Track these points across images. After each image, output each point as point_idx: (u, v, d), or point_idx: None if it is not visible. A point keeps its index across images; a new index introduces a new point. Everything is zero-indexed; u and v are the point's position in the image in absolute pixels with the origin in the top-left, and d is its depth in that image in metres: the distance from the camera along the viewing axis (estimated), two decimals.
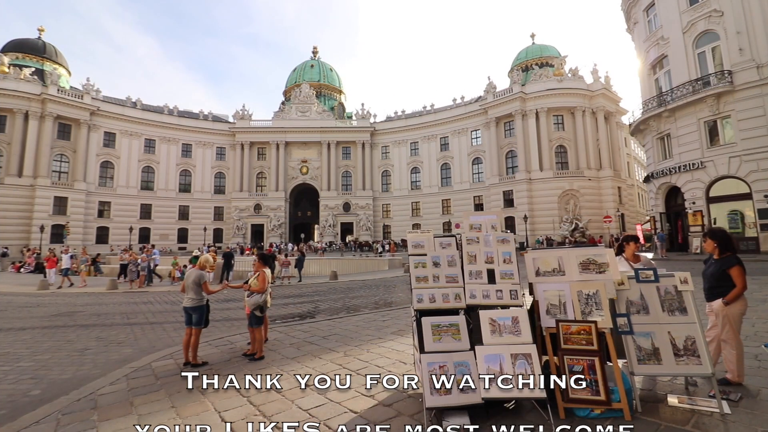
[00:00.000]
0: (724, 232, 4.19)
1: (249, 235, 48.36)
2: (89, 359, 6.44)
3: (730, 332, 3.84)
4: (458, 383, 3.44)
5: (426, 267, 4.16)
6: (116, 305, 12.74)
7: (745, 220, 19.33)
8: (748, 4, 19.11)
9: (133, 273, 17.76)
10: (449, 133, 48.46)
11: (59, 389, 4.97)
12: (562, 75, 41.08)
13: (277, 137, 50.59)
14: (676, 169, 21.73)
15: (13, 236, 34.60)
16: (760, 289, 9.10)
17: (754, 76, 18.59)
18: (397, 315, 8.86)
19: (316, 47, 64.79)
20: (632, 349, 3.66)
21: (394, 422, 3.51)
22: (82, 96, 40.71)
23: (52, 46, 42.87)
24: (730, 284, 3.88)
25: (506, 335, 3.62)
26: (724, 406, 3.33)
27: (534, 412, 3.46)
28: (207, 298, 5.93)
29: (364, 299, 12.70)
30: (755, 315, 6.67)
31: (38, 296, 15.40)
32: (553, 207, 38.25)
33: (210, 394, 4.42)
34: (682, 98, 20.87)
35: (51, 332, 8.66)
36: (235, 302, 12.13)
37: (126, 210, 43.16)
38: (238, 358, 5.85)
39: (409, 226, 46.55)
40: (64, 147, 39.59)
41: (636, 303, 3.78)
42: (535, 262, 4.02)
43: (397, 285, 16.10)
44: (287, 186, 50.90)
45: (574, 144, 39.63)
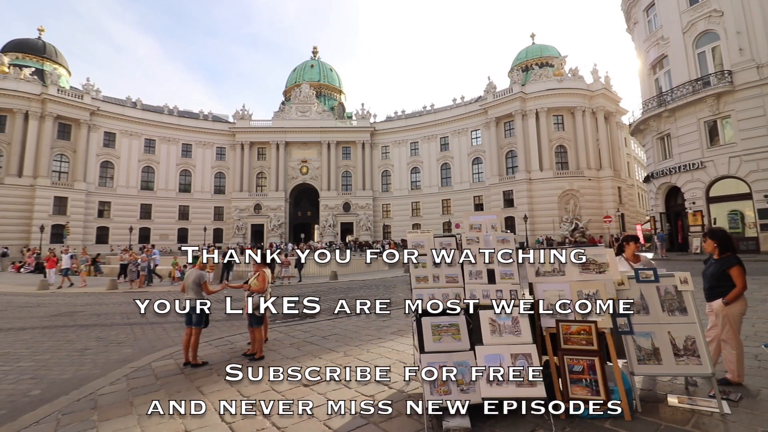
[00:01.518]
0: (724, 232, 4.19)
1: (249, 235, 48.34)
2: (89, 359, 6.44)
3: (730, 332, 3.84)
4: (458, 383, 3.45)
5: (426, 267, 4.17)
6: (116, 305, 12.75)
7: (745, 220, 19.33)
8: (748, 4, 19.11)
9: (133, 273, 17.77)
10: (449, 133, 48.45)
11: (59, 389, 4.97)
12: (562, 75, 41.07)
13: (277, 137, 50.58)
14: (676, 169, 21.73)
15: (13, 236, 34.58)
16: (760, 289, 9.10)
17: (754, 76, 18.58)
18: (397, 315, 8.86)
19: (316, 47, 64.74)
20: (632, 349, 3.66)
21: (394, 422, 3.51)
22: (82, 96, 40.68)
23: (52, 46, 42.85)
24: (730, 284, 3.88)
25: (506, 335, 3.62)
26: (724, 406, 3.33)
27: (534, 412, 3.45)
28: (207, 298, 5.93)
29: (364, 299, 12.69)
30: (755, 315, 6.67)
31: (38, 296, 15.40)
32: (553, 207, 38.25)
33: (210, 394, 4.42)
34: (682, 98, 20.87)
35: (51, 332, 8.66)
36: (234, 302, 12.11)
37: (126, 210, 43.14)
38: (238, 359, 5.85)
39: (409, 226, 46.50)
40: (64, 147, 39.57)
41: (636, 303, 3.78)
42: (535, 263, 4.02)
43: (397, 285, 16.10)
44: (287, 186, 50.88)
45: (574, 144, 39.63)
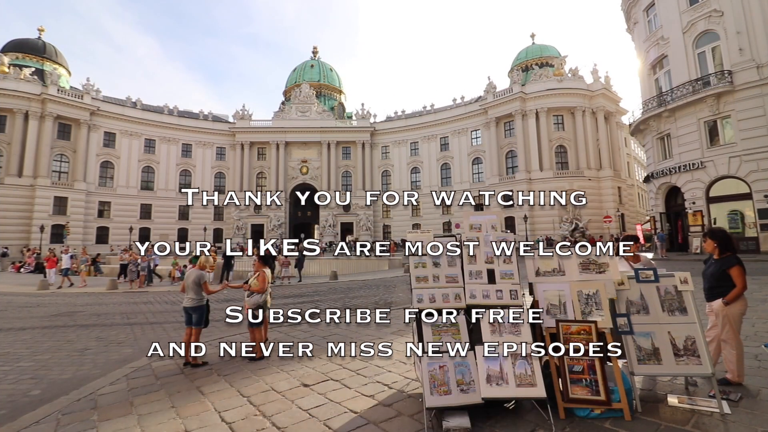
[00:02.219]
0: (724, 232, 4.19)
1: (249, 235, 48.34)
2: (89, 359, 6.44)
3: (730, 332, 3.84)
4: (458, 383, 3.45)
5: (426, 267, 4.16)
6: (116, 305, 12.75)
7: (745, 220, 19.31)
8: (748, 4, 19.09)
9: (133, 273, 17.76)
10: (449, 133, 48.44)
11: (59, 389, 4.97)
12: (562, 75, 41.07)
13: (277, 137, 50.57)
14: (676, 169, 21.72)
15: (13, 236, 34.57)
16: (760, 289, 9.09)
17: (754, 76, 18.57)
18: (397, 315, 8.85)
19: (316, 47, 64.72)
20: (632, 349, 3.66)
21: (394, 422, 3.51)
22: (82, 96, 40.68)
23: (52, 46, 42.84)
24: (730, 284, 3.88)
25: (506, 335, 3.62)
26: (724, 406, 3.33)
27: (534, 412, 3.46)
28: (207, 298, 5.93)
29: (364, 299, 12.69)
30: (755, 315, 6.66)
31: (38, 296, 15.40)
32: (553, 207, 38.23)
33: (210, 394, 4.42)
34: (682, 98, 20.85)
35: (51, 332, 8.66)
36: (235, 302, 12.13)
37: (126, 210, 43.13)
38: (238, 358, 5.84)
39: (409, 226, 46.50)
40: (64, 147, 39.57)
41: (636, 303, 3.78)
42: (535, 262, 4.02)
43: (397, 285, 16.09)
44: (287, 186, 50.89)
45: (574, 144, 39.62)
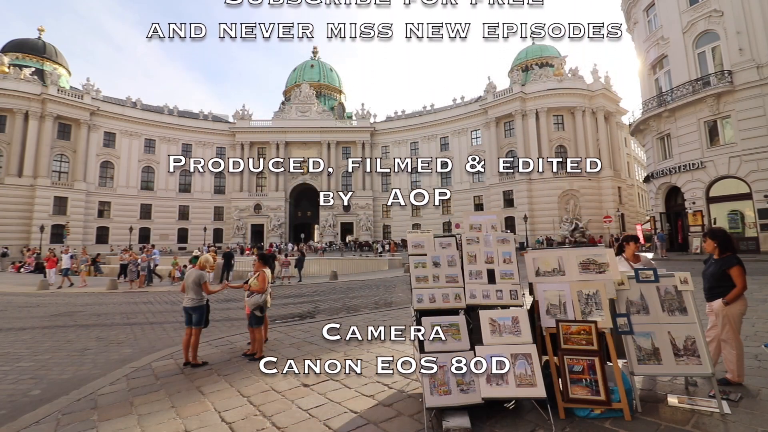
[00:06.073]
0: (724, 232, 4.19)
1: (249, 235, 48.33)
2: (89, 359, 6.44)
3: (730, 332, 3.84)
4: (458, 383, 3.45)
5: (426, 267, 4.16)
6: (116, 305, 12.74)
7: (745, 220, 19.32)
8: (748, 4, 19.09)
9: (133, 273, 17.75)
10: (449, 133, 48.44)
11: (59, 389, 4.97)
12: (562, 75, 41.06)
13: (277, 137, 50.56)
14: (676, 169, 21.72)
15: (13, 236, 34.58)
16: (760, 289, 9.09)
17: (754, 76, 18.57)
18: (397, 315, 8.85)
19: (316, 47, 64.61)
20: (632, 349, 3.66)
21: (394, 422, 3.51)
22: (82, 96, 40.69)
23: (52, 46, 42.84)
24: (730, 284, 3.88)
25: (506, 335, 3.62)
26: (724, 406, 3.33)
27: (534, 412, 3.46)
28: (207, 298, 5.93)
29: (364, 299, 12.69)
30: (755, 315, 6.66)
31: (38, 296, 15.39)
32: (553, 207, 38.24)
33: (210, 394, 4.42)
34: (682, 98, 20.85)
35: (51, 332, 8.66)
36: (235, 302, 12.13)
37: (126, 210, 43.13)
38: (238, 358, 5.84)
39: (409, 226, 46.51)
40: (64, 147, 39.57)
41: (636, 303, 3.78)
42: (535, 262, 4.02)
43: (397, 285, 16.08)
44: (287, 186, 50.88)
45: (574, 144, 39.61)
